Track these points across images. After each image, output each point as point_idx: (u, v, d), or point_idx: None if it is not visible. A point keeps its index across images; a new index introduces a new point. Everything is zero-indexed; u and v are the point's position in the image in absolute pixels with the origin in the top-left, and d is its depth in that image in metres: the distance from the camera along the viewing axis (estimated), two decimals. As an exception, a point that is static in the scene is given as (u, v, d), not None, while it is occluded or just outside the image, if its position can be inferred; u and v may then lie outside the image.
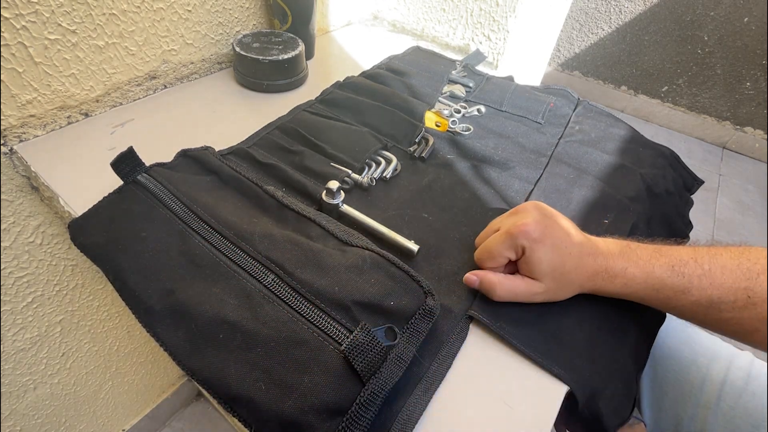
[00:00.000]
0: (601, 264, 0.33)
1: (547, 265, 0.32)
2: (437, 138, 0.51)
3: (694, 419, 0.43)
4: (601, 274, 0.33)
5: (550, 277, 0.33)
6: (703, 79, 1.91)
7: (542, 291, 0.33)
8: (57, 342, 0.60)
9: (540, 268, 0.32)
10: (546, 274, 0.33)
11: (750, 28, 1.71)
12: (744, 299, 0.30)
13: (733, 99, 1.88)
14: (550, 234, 0.33)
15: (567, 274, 0.33)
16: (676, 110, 2.03)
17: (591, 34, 2.05)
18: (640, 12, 1.89)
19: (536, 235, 0.32)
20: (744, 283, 0.30)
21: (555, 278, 0.33)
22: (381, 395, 0.25)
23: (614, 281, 0.33)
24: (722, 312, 0.32)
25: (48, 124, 0.45)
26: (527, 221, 0.33)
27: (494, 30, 0.73)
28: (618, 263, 0.33)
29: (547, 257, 0.32)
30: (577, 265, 0.33)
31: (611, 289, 0.34)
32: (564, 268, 0.33)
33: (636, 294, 0.34)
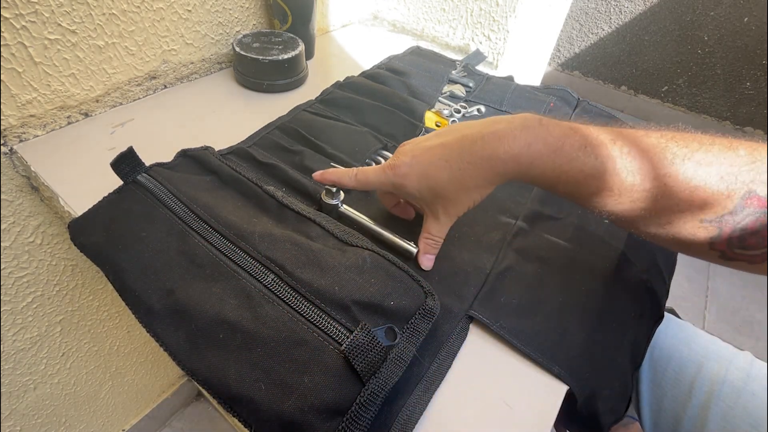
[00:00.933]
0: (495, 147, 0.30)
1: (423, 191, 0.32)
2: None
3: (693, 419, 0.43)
4: (499, 158, 0.30)
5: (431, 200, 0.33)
6: (703, 79, 1.91)
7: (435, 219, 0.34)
8: (57, 342, 0.60)
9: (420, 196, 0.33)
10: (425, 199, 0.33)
11: (750, 28, 1.71)
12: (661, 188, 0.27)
13: (733, 99, 1.88)
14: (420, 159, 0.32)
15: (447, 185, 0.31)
16: (676, 110, 2.03)
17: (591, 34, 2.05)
18: (640, 12, 1.89)
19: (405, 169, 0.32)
20: (665, 169, 0.27)
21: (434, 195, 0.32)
22: (381, 395, 0.25)
23: (519, 161, 0.29)
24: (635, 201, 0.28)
25: (48, 124, 0.45)
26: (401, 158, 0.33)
27: (494, 30, 0.73)
28: (520, 140, 0.29)
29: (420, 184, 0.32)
30: (462, 167, 0.30)
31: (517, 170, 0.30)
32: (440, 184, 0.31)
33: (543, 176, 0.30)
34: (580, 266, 0.38)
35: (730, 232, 0.26)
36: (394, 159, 0.34)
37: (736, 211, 0.25)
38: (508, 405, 0.30)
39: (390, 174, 0.33)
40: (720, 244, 0.26)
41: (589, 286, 0.37)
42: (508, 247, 0.39)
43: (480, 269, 0.37)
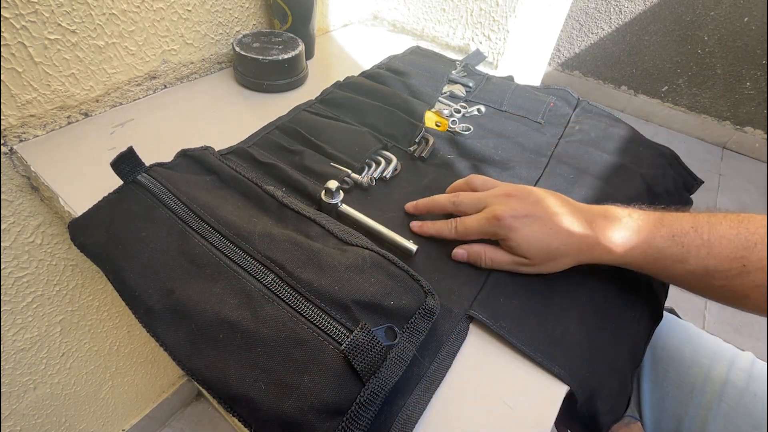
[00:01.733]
0: (599, 236, 0.34)
1: (527, 249, 0.34)
2: (437, 138, 0.51)
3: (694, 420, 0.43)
4: (597, 245, 0.34)
5: (537, 257, 0.35)
6: (703, 79, 1.90)
7: (527, 264, 0.35)
8: (57, 342, 0.60)
9: (520, 251, 0.35)
10: (530, 255, 0.35)
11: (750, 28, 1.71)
12: (739, 268, 0.31)
13: (733, 99, 1.88)
14: (532, 220, 0.34)
15: (554, 252, 0.34)
16: (676, 110, 2.03)
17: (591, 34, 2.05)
18: (640, 12, 1.89)
19: (514, 224, 0.34)
20: (741, 252, 0.31)
21: (539, 256, 0.35)
22: (381, 395, 0.25)
23: (613, 252, 0.34)
24: (715, 280, 0.32)
25: (48, 124, 0.45)
26: (509, 212, 0.34)
27: (494, 30, 0.73)
28: (616, 233, 0.34)
29: (527, 241, 0.34)
30: (566, 243, 0.34)
31: (610, 258, 0.34)
32: (550, 247, 0.34)
33: (635, 263, 0.34)
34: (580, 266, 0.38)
35: None
36: (500, 209, 0.35)
37: None
38: (508, 405, 0.30)
39: (496, 225, 0.35)
40: None
41: (589, 286, 0.37)
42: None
43: (480, 269, 0.37)
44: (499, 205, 0.36)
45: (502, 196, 0.36)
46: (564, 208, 0.35)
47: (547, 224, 0.34)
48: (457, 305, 0.34)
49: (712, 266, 0.32)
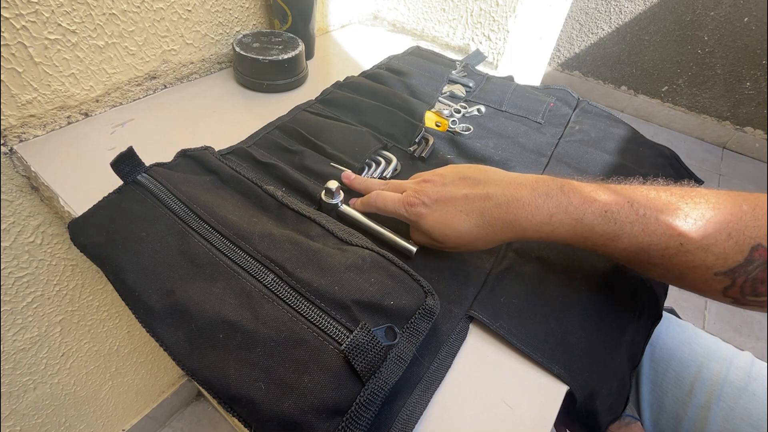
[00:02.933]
0: (518, 213, 0.31)
1: (437, 234, 0.34)
2: (437, 138, 0.51)
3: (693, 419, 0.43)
4: (519, 223, 0.31)
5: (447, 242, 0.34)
6: (703, 79, 1.91)
7: (443, 248, 0.35)
8: (57, 342, 0.60)
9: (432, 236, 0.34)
10: (440, 240, 0.34)
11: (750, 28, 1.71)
12: (676, 246, 0.29)
13: (733, 99, 1.88)
14: (441, 205, 0.33)
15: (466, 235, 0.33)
16: (676, 110, 2.03)
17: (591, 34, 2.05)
18: (640, 12, 1.89)
19: (423, 211, 0.34)
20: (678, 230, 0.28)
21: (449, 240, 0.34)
22: (381, 395, 0.25)
23: (539, 229, 0.31)
24: (651, 259, 0.30)
25: (48, 124, 0.45)
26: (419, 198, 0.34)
27: (494, 30, 0.73)
28: (542, 209, 0.31)
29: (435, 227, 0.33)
30: (478, 224, 0.32)
31: (537, 235, 0.32)
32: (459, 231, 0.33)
33: (563, 240, 0.32)
34: (580, 266, 0.38)
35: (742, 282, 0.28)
36: (414, 196, 0.35)
37: (746, 263, 0.27)
38: (508, 405, 0.30)
39: (408, 210, 0.35)
40: (733, 292, 0.28)
41: (589, 286, 0.37)
42: (508, 247, 0.39)
43: (480, 269, 0.37)
44: (411, 190, 0.35)
45: (420, 181, 0.36)
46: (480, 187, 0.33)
47: (457, 206, 0.33)
48: (457, 305, 0.34)
49: (646, 244, 0.29)
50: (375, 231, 0.38)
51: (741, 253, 0.27)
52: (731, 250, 0.27)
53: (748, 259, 0.27)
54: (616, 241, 0.30)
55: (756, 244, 0.27)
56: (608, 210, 0.30)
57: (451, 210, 0.33)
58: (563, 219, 0.31)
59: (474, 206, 0.32)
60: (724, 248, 0.28)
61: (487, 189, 0.33)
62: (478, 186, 0.34)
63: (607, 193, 0.31)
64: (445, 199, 0.34)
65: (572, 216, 0.31)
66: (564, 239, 0.32)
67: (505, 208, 0.32)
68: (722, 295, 0.29)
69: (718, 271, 0.28)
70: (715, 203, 0.29)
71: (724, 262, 0.28)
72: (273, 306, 0.28)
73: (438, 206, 0.34)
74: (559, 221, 0.31)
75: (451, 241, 0.34)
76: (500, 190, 0.33)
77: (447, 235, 0.33)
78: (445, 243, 0.34)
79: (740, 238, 0.27)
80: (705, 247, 0.28)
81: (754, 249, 0.27)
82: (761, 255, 0.27)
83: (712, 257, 0.28)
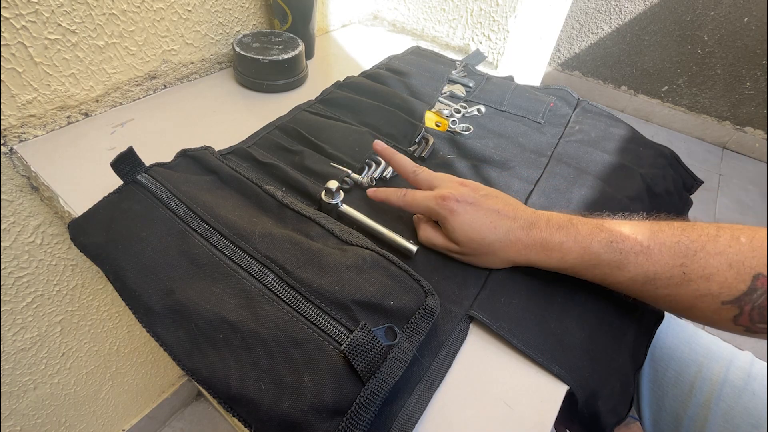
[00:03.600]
0: (535, 238, 0.34)
1: (461, 235, 0.35)
2: (437, 138, 0.51)
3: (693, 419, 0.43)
4: (534, 247, 0.34)
5: (468, 248, 0.35)
6: (703, 79, 1.91)
7: (458, 251, 0.36)
8: (57, 342, 0.60)
9: (454, 235, 0.35)
10: (462, 243, 0.35)
11: (750, 28, 1.71)
12: (679, 276, 0.30)
13: (733, 99, 1.88)
14: (474, 208, 0.35)
15: (487, 246, 0.35)
16: (676, 110, 2.03)
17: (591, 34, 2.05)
18: (640, 12, 1.89)
19: (456, 208, 0.35)
20: (681, 259, 0.30)
21: (472, 247, 0.35)
22: (381, 395, 0.25)
23: (550, 255, 0.34)
24: (658, 288, 0.32)
25: (48, 124, 0.45)
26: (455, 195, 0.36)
27: (494, 30, 0.73)
28: (555, 237, 0.34)
29: (462, 228, 0.35)
30: (501, 240, 0.34)
31: (547, 262, 0.34)
32: (483, 239, 0.35)
33: (573, 268, 0.34)
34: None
35: (749, 310, 0.29)
36: (448, 191, 0.36)
37: (750, 291, 0.29)
38: (508, 405, 0.30)
39: (440, 204, 0.36)
40: (743, 320, 0.30)
41: (590, 286, 0.37)
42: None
43: (480, 269, 0.37)
44: (449, 188, 0.37)
45: (456, 182, 0.38)
46: (510, 208, 0.36)
47: (488, 217, 0.35)
48: (457, 305, 0.34)
49: (651, 273, 0.31)
50: (375, 231, 0.38)
51: (743, 281, 0.29)
52: (733, 278, 0.29)
53: (751, 288, 0.28)
54: (623, 269, 0.32)
55: (757, 273, 0.28)
56: (614, 240, 0.32)
57: (482, 217, 0.35)
58: (572, 247, 0.33)
59: (502, 222, 0.35)
60: (725, 277, 0.29)
61: (516, 212, 0.36)
62: (508, 207, 0.36)
63: (612, 226, 0.33)
64: (480, 206, 0.35)
65: (580, 244, 0.33)
66: (573, 266, 0.34)
67: (527, 232, 0.34)
68: (734, 324, 0.30)
69: (724, 300, 0.29)
70: (714, 235, 0.30)
71: (729, 291, 0.29)
72: (273, 306, 0.28)
73: (471, 209, 0.35)
74: (569, 248, 0.33)
75: (470, 247, 0.35)
76: (525, 215, 0.35)
77: (471, 239, 0.35)
78: (463, 247, 0.35)
79: (740, 268, 0.29)
80: (707, 276, 0.30)
81: (756, 278, 0.28)
82: (763, 284, 0.28)
83: (716, 286, 0.29)
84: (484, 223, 0.35)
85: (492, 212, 0.35)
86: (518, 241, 0.34)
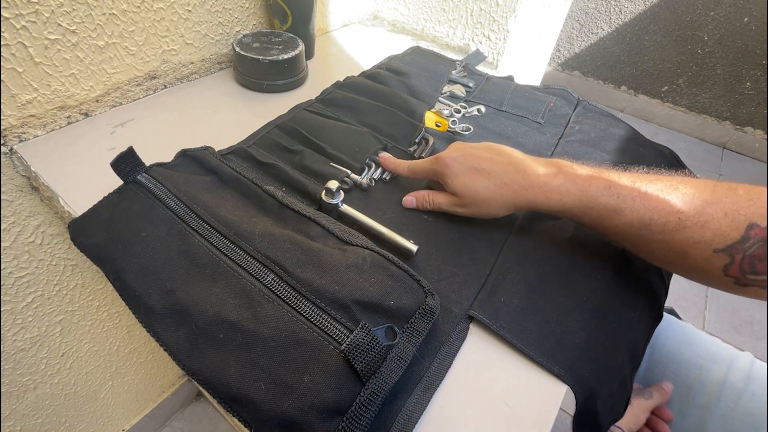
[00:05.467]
0: (533, 180, 0.35)
1: (458, 184, 0.37)
2: (437, 138, 0.51)
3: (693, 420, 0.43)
4: (532, 188, 0.35)
5: (466, 195, 0.38)
6: (703, 79, 1.90)
7: (461, 204, 0.39)
8: (57, 342, 0.60)
9: (452, 187, 0.38)
10: (460, 192, 0.38)
11: (750, 28, 1.71)
12: (675, 222, 0.31)
13: (733, 99, 1.88)
14: (468, 158, 0.38)
15: (484, 190, 0.37)
16: (676, 110, 2.03)
17: (591, 34, 2.05)
18: (640, 12, 1.89)
19: (450, 162, 0.38)
20: (677, 206, 0.31)
21: (469, 194, 0.37)
22: (381, 395, 0.25)
23: (549, 196, 0.35)
24: (653, 234, 0.32)
25: (48, 124, 0.45)
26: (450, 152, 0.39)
27: (494, 30, 0.73)
28: (554, 180, 0.35)
29: (459, 178, 0.37)
30: (497, 183, 0.36)
31: (547, 204, 0.35)
32: (479, 185, 0.37)
33: (571, 211, 0.35)
34: (580, 266, 0.38)
35: (740, 259, 0.29)
36: (443, 153, 0.40)
37: (743, 240, 0.29)
38: (508, 405, 0.30)
39: (435, 162, 0.39)
40: (733, 270, 0.30)
41: (589, 286, 0.37)
42: (508, 247, 0.39)
43: (480, 269, 0.37)
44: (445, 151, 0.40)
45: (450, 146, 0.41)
46: (506, 155, 0.38)
47: (483, 164, 0.37)
48: (457, 305, 0.34)
49: (647, 219, 0.32)
50: (375, 230, 0.38)
51: (737, 230, 0.29)
52: (727, 227, 0.29)
53: (744, 237, 0.29)
54: (620, 213, 0.33)
55: (751, 223, 0.29)
56: (612, 185, 0.33)
57: (475, 165, 0.37)
58: (570, 189, 0.34)
59: (496, 167, 0.37)
60: (720, 225, 0.29)
61: (510, 158, 0.37)
62: (503, 155, 0.38)
63: (611, 172, 0.34)
64: (472, 157, 0.38)
65: (579, 187, 0.34)
66: (570, 209, 0.35)
67: (523, 174, 0.36)
68: (723, 274, 0.30)
69: (717, 248, 0.30)
70: (713, 187, 0.31)
71: (722, 239, 0.29)
72: (273, 306, 0.28)
73: (464, 160, 0.38)
74: (567, 190, 0.34)
75: (469, 196, 0.37)
76: (520, 159, 0.37)
77: (467, 186, 0.37)
78: (463, 198, 0.38)
79: (735, 217, 0.29)
80: (702, 223, 0.30)
81: (750, 227, 0.29)
82: (757, 233, 0.28)
83: (709, 233, 0.30)
84: (478, 171, 0.37)
85: (485, 159, 0.37)
86: (514, 182, 0.36)
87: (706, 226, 0.30)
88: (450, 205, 0.39)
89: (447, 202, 0.40)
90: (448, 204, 0.39)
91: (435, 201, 0.40)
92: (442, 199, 0.40)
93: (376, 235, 0.38)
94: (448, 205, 0.40)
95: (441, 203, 0.40)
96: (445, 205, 0.40)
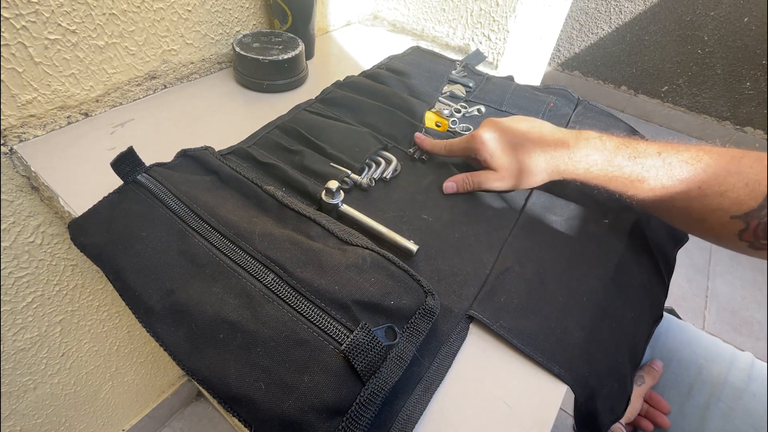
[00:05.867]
0: (563, 150, 0.38)
1: (497, 159, 0.40)
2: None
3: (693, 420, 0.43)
4: (562, 158, 0.38)
5: (505, 169, 0.40)
6: (703, 79, 1.90)
7: (501, 178, 0.41)
8: (57, 342, 0.60)
9: (492, 163, 0.41)
10: (499, 167, 0.40)
11: (750, 28, 1.71)
12: (696, 190, 0.33)
13: (733, 99, 1.88)
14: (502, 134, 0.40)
15: (520, 162, 0.39)
16: (676, 110, 2.03)
17: (591, 34, 2.05)
18: (640, 12, 1.89)
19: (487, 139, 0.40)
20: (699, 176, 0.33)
21: (506, 167, 0.40)
22: (381, 395, 0.25)
23: (577, 165, 0.38)
24: (675, 201, 0.35)
25: (48, 124, 0.45)
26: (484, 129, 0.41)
27: (494, 30, 0.73)
28: (582, 150, 0.37)
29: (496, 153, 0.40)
30: (534, 155, 0.39)
31: (575, 172, 0.38)
32: (516, 158, 0.40)
33: (597, 179, 0.37)
34: (580, 266, 0.38)
35: (755, 225, 0.31)
36: (477, 130, 0.42)
37: (760, 208, 0.31)
38: (508, 405, 0.30)
39: (471, 140, 0.42)
40: (747, 235, 0.32)
41: (589, 286, 0.37)
42: (508, 247, 0.39)
43: (480, 269, 0.37)
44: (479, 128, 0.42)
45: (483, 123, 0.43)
46: (537, 126, 0.40)
47: (518, 138, 0.39)
48: (457, 305, 0.34)
49: (670, 187, 0.34)
50: (375, 230, 0.38)
51: (755, 199, 0.31)
52: (746, 196, 0.31)
53: (761, 205, 0.30)
54: (643, 182, 0.35)
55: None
56: (637, 156, 0.36)
57: (510, 140, 0.40)
58: (597, 159, 0.37)
59: (530, 140, 0.39)
60: (739, 195, 0.31)
61: (541, 129, 0.40)
62: (534, 127, 0.40)
63: (638, 143, 0.36)
64: (507, 131, 0.40)
65: (605, 157, 0.36)
66: (597, 177, 0.37)
67: (553, 143, 0.38)
68: (738, 239, 0.32)
69: (734, 214, 0.32)
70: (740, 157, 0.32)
71: (739, 207, 0.31)
72: (273, 306, 0.28)
73: (500, 135, 0.40)
74: (594, 161, 0.37)
75: (508, 169, 0.40)
76: (551, 131, 0.39)
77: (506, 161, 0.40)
78: (502, 171, 0.40)
79: (756, 187, 0.31)
80: (722, 192, 0.32)
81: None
82: None
83: (728, 202, 0.32)
84: (514, 144, 0.39)
85: (519, 133, 0.40)
86: (545, 152, 0.38)
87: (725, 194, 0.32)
88: (490, 181, 0.41)
89: (487, 179, 0.41)
90: (489, 180, 0.41)
91: (475, 180, 0.42)
92: (481, 177, 0.42)
93: (376, 235, 0.38)
94: (488, 181, 0.41)
95: (481, 181, 0.42)
96: (486, 181, 0.41)
